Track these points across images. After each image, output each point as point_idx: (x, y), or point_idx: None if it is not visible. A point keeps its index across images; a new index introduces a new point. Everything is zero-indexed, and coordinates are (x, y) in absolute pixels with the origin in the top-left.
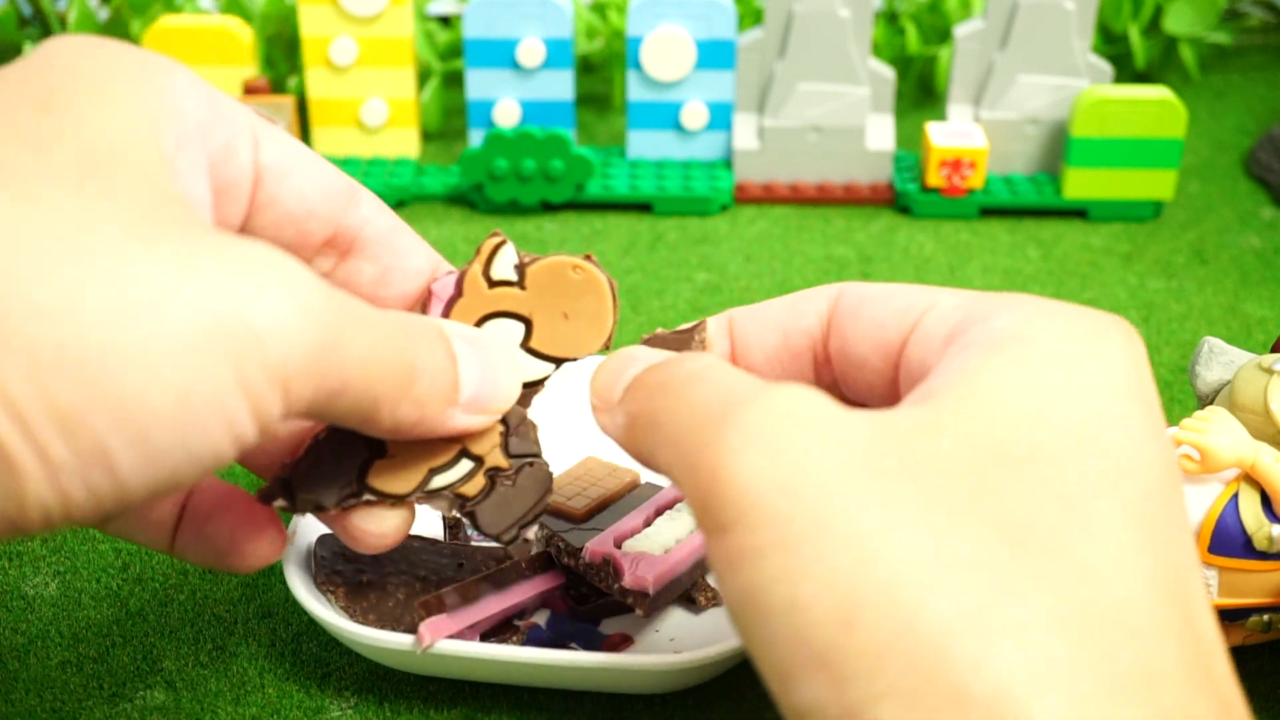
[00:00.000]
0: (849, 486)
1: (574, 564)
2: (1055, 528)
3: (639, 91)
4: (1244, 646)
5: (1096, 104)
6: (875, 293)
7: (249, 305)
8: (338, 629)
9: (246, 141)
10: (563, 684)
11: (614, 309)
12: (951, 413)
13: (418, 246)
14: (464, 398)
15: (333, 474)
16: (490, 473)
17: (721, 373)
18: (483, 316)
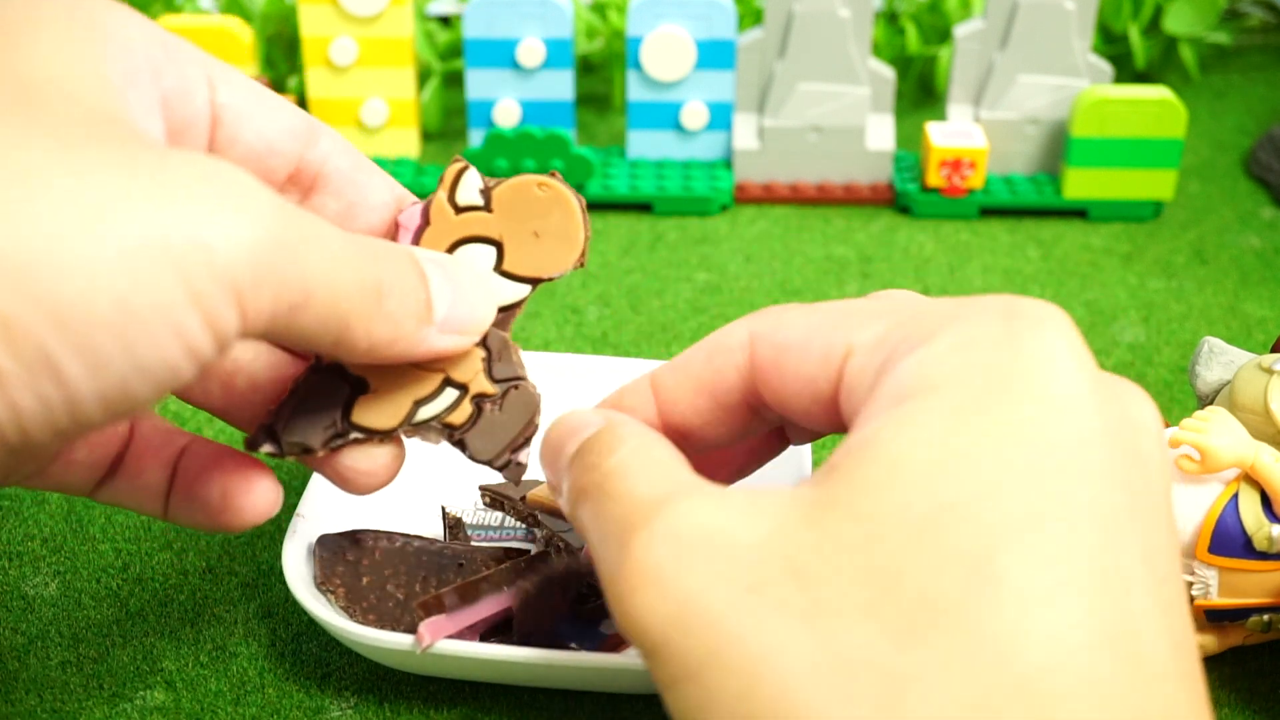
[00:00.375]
0: (734, 610)
1: (573, 563)
2: (954, 601)
3: (639, 91)
4: (1244, 646)
5: (1096, 104)
6: (789, 341)
7: (195, 213)
8: (337, 629)
9: (201, 83)
10: (561, 684)
11: (584, 224)
12: (844, 489)
13: (381, 181)
14: (438, 317)
15: (316, 414)
16: (476, 399)
17: (624, 480)
18: (452, 243)
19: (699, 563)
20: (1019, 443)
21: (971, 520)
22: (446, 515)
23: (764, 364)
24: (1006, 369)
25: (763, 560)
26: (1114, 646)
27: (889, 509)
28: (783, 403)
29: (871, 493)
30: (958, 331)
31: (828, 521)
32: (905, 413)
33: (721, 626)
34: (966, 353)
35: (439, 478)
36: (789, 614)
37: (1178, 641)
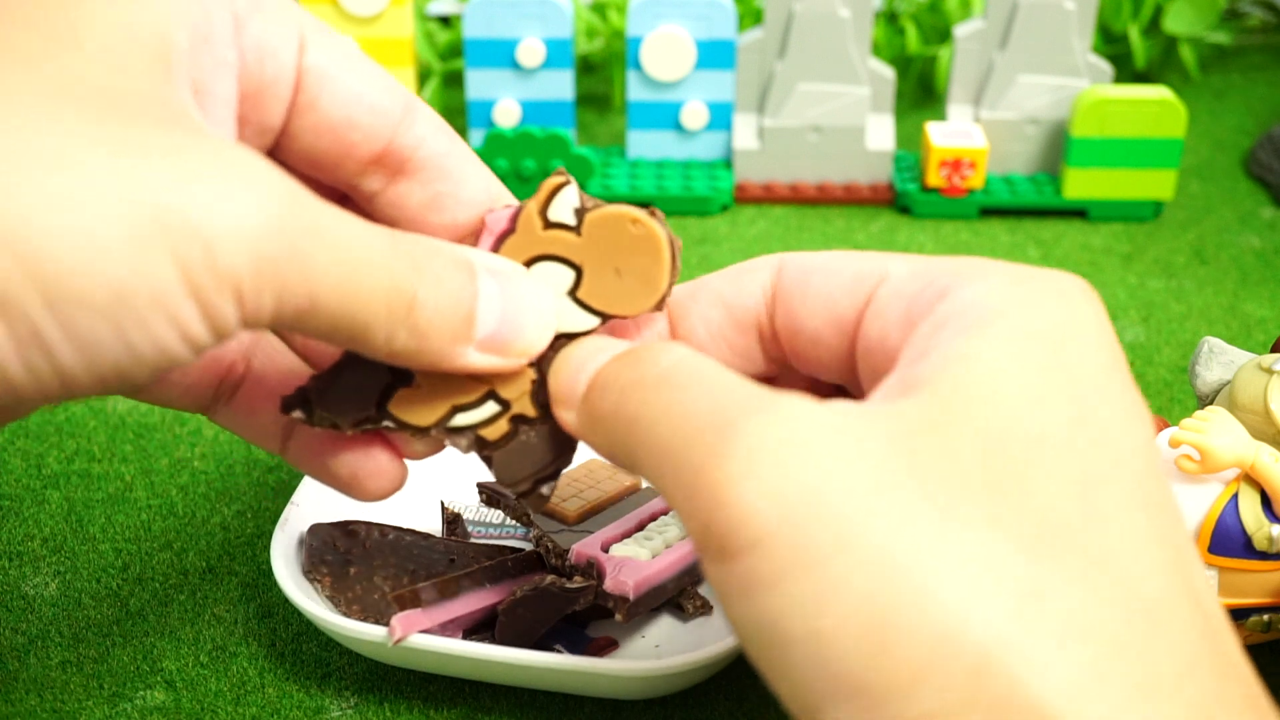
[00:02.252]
0: (866, 502)
1: (561, 565)
2: (1071, 520)
3: (639, 91)
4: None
5: (1096, 104)
6: (820, 263)
7: (199, 205)
8: (313, 616)
9: (290, 41)
10: (540, 685)
11: (671, 270)
12: (951, 404)
13: (476, 174)
14: (480, 334)
15: (354, 395)
16: (515, 419)
17: (707, 376)
18: (532, 257)
19: (825, 451)
20: (1094, 390)
21: (1072, 452)
22: (445, 510)
23: (789, 283)
24: (1069, 317)
25: (890, 459)
26: (1191, 592)
27: (999, 426)
28: (797, 324)
29: (980, 413)
30: (1009, 271)
31: (943, 434)
32: (991, 337)
33: (854, 516)
34: (1028, 289)
35: (440, 473)
36: (921, 515)
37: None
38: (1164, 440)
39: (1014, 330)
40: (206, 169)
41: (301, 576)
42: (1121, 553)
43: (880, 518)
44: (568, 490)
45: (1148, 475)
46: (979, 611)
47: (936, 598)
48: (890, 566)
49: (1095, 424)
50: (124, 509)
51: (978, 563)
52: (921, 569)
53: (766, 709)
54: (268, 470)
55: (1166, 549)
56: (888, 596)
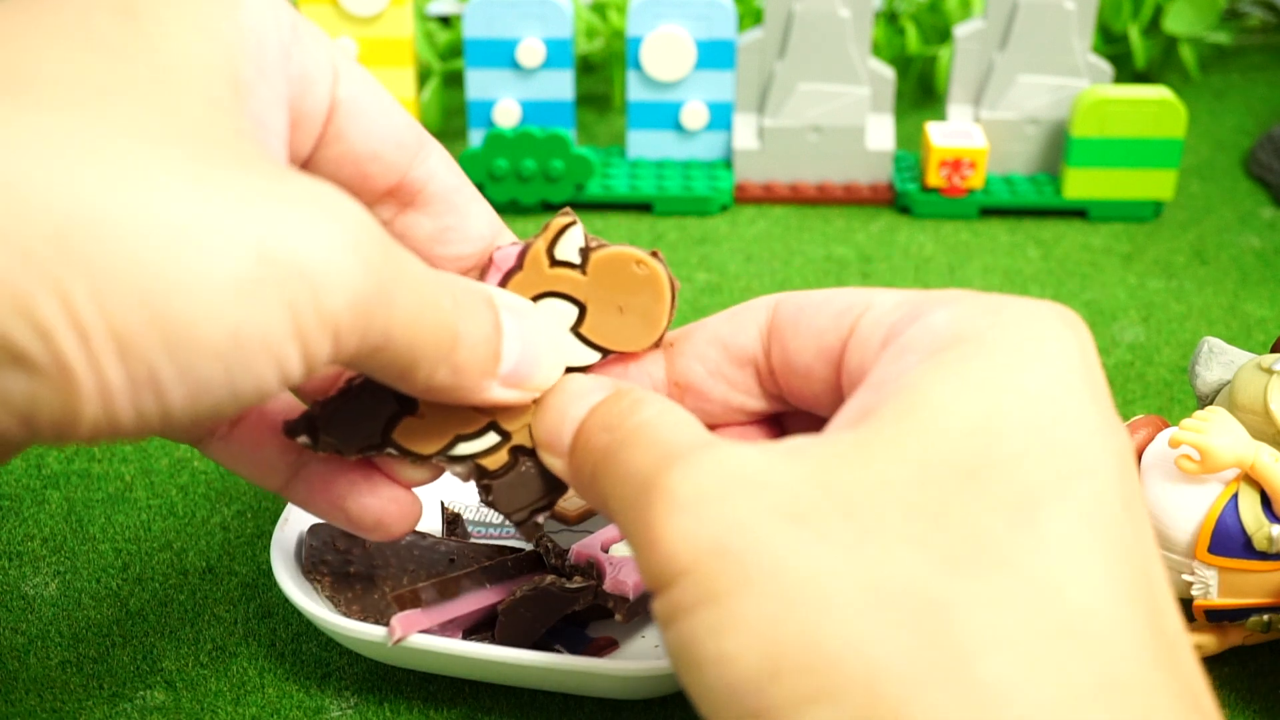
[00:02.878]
0: (777, 537)
1: (561, 565)
2: (1001, 539)
3: (639, 91)
4: (1244, 647)
5: (1096, 104)
6: (812, 300)
7: (310, 250)
8: (313, 617)
9: (326, 72)
10: (540, 685)
11: (670, 309)
12: (889, 431)
13: (481, 210)
14: (503, 370)
15: (359, 422)
16: (515, 450)
17: (656, 430)
18: (539, 294)
19: (741, 493)
20: (1054, 410)
21: (1016, 472)
22: (445, 510)
23: (783, 321)
24: (1038, 340)
25: (808, 493)
26: (1143, 605)
27: (936, 453)
28: (789, 359)
29: (919, 436)
30: (987, 300)
31: (874, 461)
32: (946, 360)
33: (761, 551)
34: (999, 317)
35: None
36: (833, 542)
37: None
38: (1164, 440)
39: (971, 354)
40: (305, 210)
41: (301, 576)
42: (1054, 568)
43: (786, 553)
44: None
45: (1105, 493)
46: (876, 634)
47: (831, 624)
48: (788, 598)
49: (1047, 445)
50: (124, 509)
51: (884, 584)
52: (820, 597)
53: None
54: None
55: (1114, 565)
56: (784, 626)
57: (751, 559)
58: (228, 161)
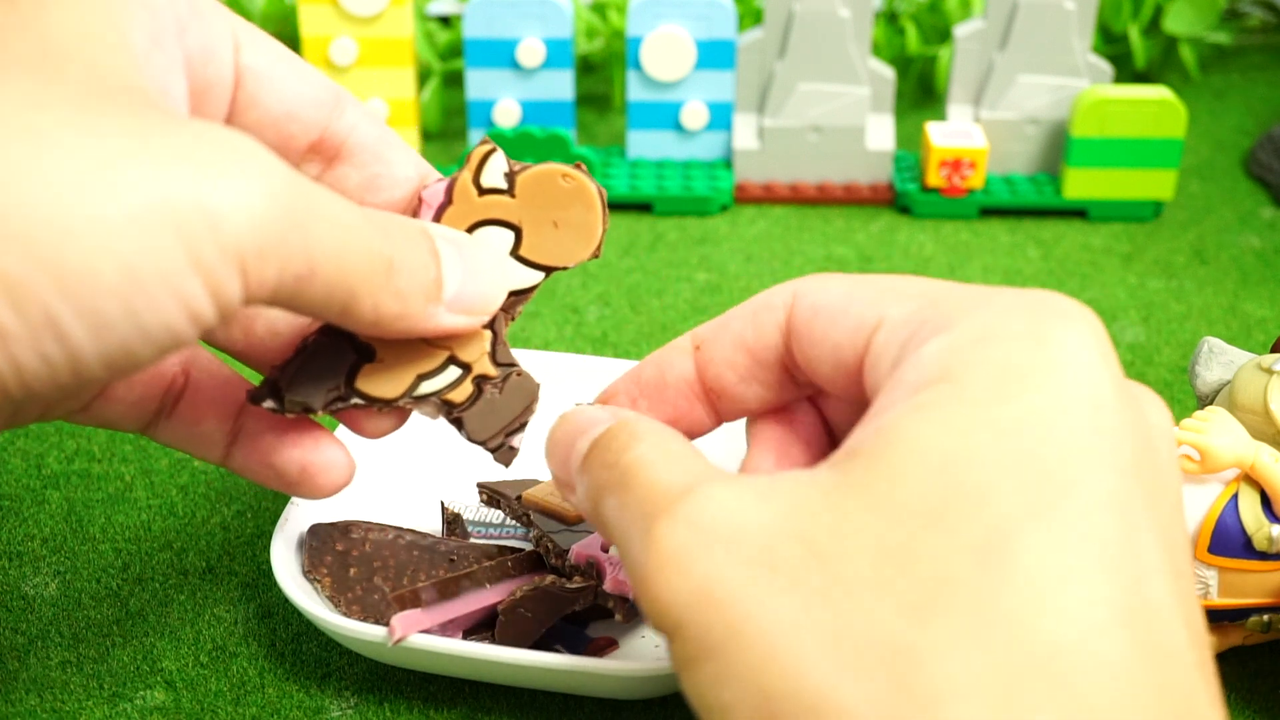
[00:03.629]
0: (753, 587)
1: (561, 565)
2: (970, 579)
3: (639, 91)
4: (1244, 646)
5: (1096, 104)
6: (825, 302)
7: (201, 182)
8: (314, 616)
9: (227, 43)
10: (540, 685)
11: (603, 218)
12: (860, 475)
13: (406, 155)
14: (448, 295)
15: (320, 377)
16: (478, 380)
17: (647, 472)
18: (472, 224)
19: (717, 545)
20: (1035, 433)
21: (985, 507)
22: (445, 510)
23: (800, 324)
24: (1027, 363)
25: (778, 541)
26: (1132, 628)
27: (905, 495)
28: (812, 366)
29: (888, 479)
30: (981, 321)
31: (844, 505)
32: (923, 402)
33: (738, 604)
34: (987, 346)
35: (440, 473)
36: (803, 590)
37: (1194, 631)
38: None
39: (945, 395)
40: (205, 150)
41: (301, 576)
42: (1023, 603)
43: (763, 603)
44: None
45: (1092, 509)
46: (848, 683)
47: (808, 674)
48: (769, 647)
49: (1025, 479)
50: (124, 509)
51: (854, 633)
52: (795, 646)
53: None
54: None
55: (1097, 587)
56: (769, 676)
57: (735, 610)
58: (114, 111)
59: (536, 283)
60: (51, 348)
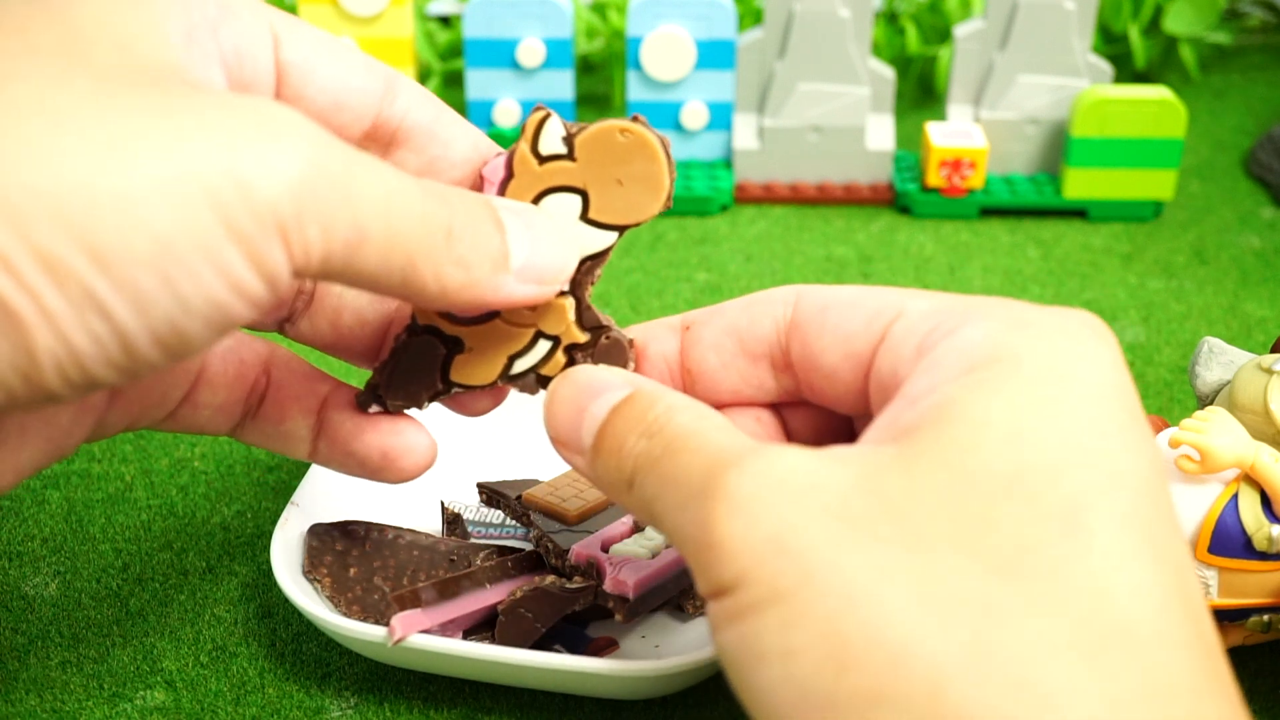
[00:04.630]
0: (832, 537)
1: (561, 565)
2: (1048, 547)
3: (639, 91)
4: (1244, 646)
5: (1096, 104)
6: (837, 298)
7: (232, 150)
8: (314, 616)
9: (265, 40)
10: (540, 685)
11: (669, 168)
12: (928, 443)
13: (464, 134)
14: (516, 264)
15: (416, 375)
16: (569, 349)
17: (703, 436)
18: (538, 194)
19: (795, 495)
20: (1091, 416)
21: (1060, 479)
22: (445, 510)
23: (806, 318)
24: (1071, 352)
25: (855, 497)
26: (1184, 610)
27: (978, 463)
28: (812, 358)
29: (960, 448)
30: (1017, 314)
31: (918, 470)
32: (982, 380)
33: (815, 552)
34: (1030, 332)
35: (440, 473)
36: (886, 544)
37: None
38: (1164, 440)
39: (1005, 372)
40: (237, 120)
41: (301, 576)
42: (1101, 574)
43: (842, 552)
44: (568, 490)
45: (1143, 498)
46: (934, 634)
47: (891, 622)
48: (849, 595)
49: (1086, 454)
50: (124, 509)
51: (938, 586)
52: (878, 596)
53: None
54: (268, 470)
55: (1158, 569)
56: (847, 622)
57: (810, 558)
58: (141, 87)
59: (611, 244)
60: (98, 325)
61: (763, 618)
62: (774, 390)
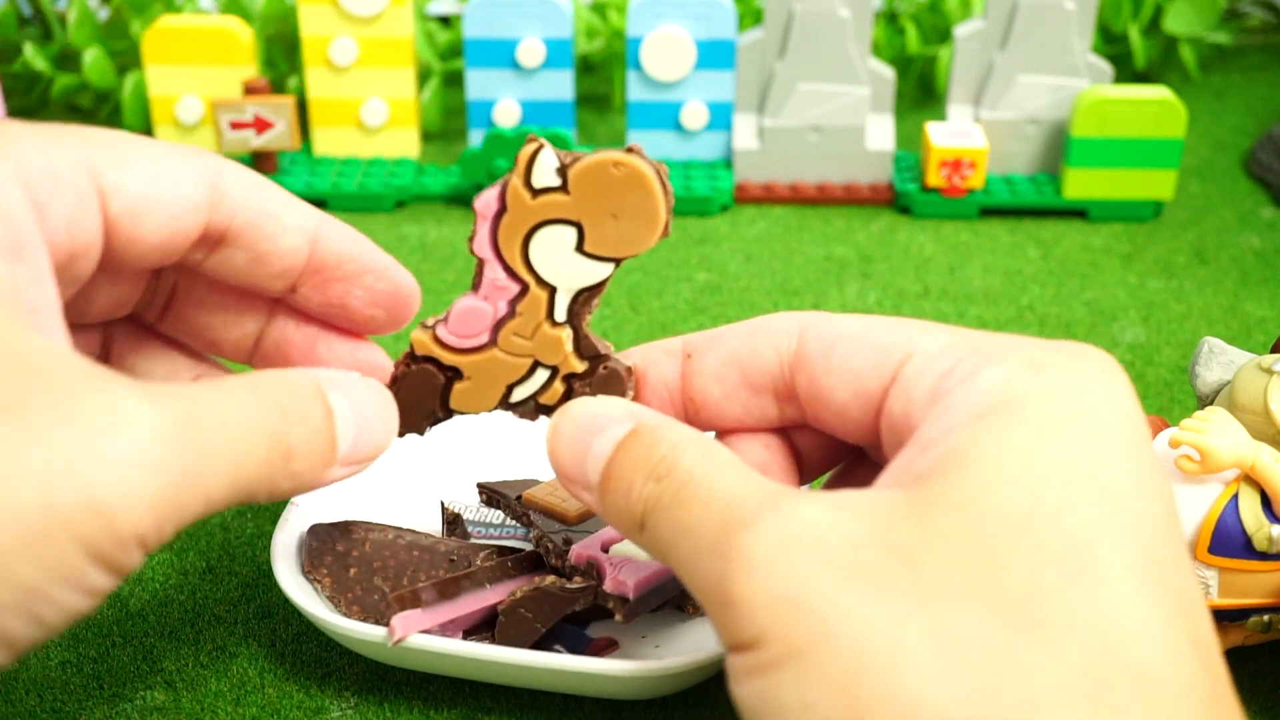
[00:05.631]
0: (846, 590)
1: (561, 565)
2: (1058, 591)
3: (639, 91)
4: (1244, 646)
5: (1096, 104)
6: (844, 331)
7: (94, 480)
8: (313, 617)
9: (92, 202)
10: (540, 685)
11: (665, 200)
12: (940, 490)
13: (291, 219)
14: (341, 453)
15: (417, 404)
16: (567, 378)
17: (712, 484)
18: (531, 227)
19: (806, 554)
20: (1098, 456)
21: (1066, 518)
22: (445, 510)
23: (812, 353)
24: (1080, 394)
25: (868, 550)
26: (1194, 652)
27: (987, 507)
28: (820, 395)
29: (970, 492)
30: (1030, 356)
31: (929, 517)
32: (993, 425)
33: (829, 608)
34: (1042, 375)
35: (440, 473)
36: (896, 596)
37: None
38: (1164, 440)
39: (1018, 419)
40: (86, 436)
41: (301, 576)
42: (1109, 616)
43: (856, 606)
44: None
45: (1153, 538)
46: (945, 685)
47: (904, 675)
48: (863, 649)
49: (1095, 494)
50: None
51: (949, 635)
52: (892, 648)
53: None
54: None
55: (1167, 610)
56: (862, 675)
57: (825, 613)
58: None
59: (607, 275)
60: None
61: (781, 674)
62: (778, 419)
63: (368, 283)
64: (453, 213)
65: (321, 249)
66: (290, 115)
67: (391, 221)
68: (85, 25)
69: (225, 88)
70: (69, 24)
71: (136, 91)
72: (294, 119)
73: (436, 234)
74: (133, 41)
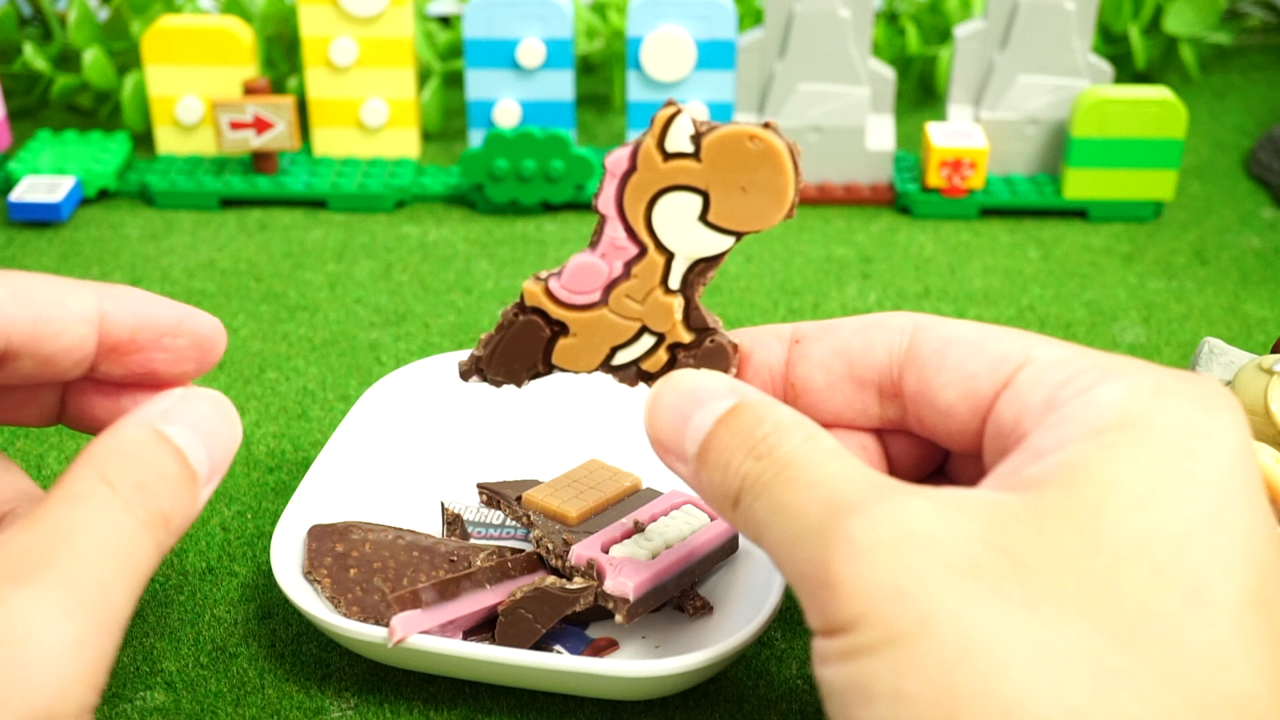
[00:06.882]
0: (954, 587)
1: (561, 566)
2: (1169, 615)
3: (639, 91)
4: None
5: (1096, 104)
6: (960, 335)
7: (29, 699)
8: (313, 617)
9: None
10: (540, 686)
11: (795, 179)
12: (1057, 500)
13: (69, 313)
14: (203, 478)
15: (520, 354)
16: (672, 347)
17: (817, 469)
18: (658, 190)
19: (916, 545)
20: (1218, 497)
21: (1184, 550)
22: (445, 510)
23: (926, 351)
24: (1204, 426)
25: (980, 549)
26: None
27: (1106, 526)
28: (927, 393)
29: (1088, 509)
30: (1154, 379)
31: (1045, 527)
32: (1115, 443)
33: (938, 600)
34: (1166, 400)
35: (440, 473)
36: (1007, 599)
37: None
38: None
39: (1140, 440)
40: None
41: (301, 576)
42: (1220, 648)
43: (963, 603)
44: (569, 491)
45: (1264, 580)
46: (1048, 693)
47: (1006, 677)
48: (965, 645)
49: (1213, 529)
50: None
51: (1056, 646)
52: (995, 649)
53: (767, 710)
54: (268, 470)
55: (1275, 648)
56: (961, 671)
57: (930, 605)
58: None
59: (727, 248)
60: None
61: (876, 659)
62: (876, 417)
63: (166, 343)
64: (453, 213)
65: (109, 329)
66: (290, 115)
67: (391, 221)
68: (85, 25)
69: (225, 88)
70: (69, 24)
71: (136, 92)
72: (294, 119)
73: (436, 234)
74: (133, 41)
